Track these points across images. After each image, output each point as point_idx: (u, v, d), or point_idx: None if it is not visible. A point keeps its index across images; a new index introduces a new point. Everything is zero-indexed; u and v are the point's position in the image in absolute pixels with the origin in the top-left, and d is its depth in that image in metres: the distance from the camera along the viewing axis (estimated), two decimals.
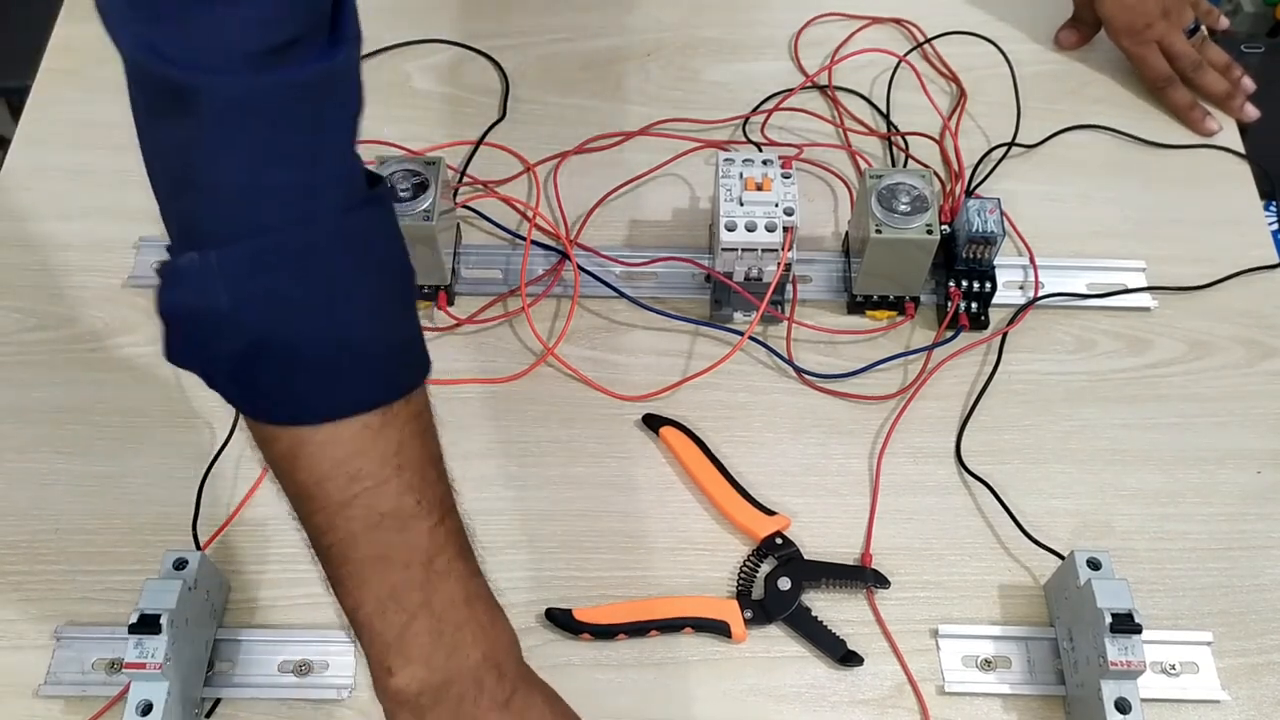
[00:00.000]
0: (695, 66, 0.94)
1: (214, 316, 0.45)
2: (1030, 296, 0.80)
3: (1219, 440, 0.75)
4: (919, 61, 0.94)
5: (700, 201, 0.86)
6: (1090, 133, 0.90)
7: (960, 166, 0.87)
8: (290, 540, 0.71)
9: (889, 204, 0.74)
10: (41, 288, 0.82)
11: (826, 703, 0.66)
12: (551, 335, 0.80)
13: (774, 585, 0.69)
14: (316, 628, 0.67)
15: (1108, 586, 0.61)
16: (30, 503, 0.73)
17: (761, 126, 0.90)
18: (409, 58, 0.95)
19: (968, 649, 0.67)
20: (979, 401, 0.76)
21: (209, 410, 0.76)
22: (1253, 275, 0.82)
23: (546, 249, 0.82)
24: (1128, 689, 0.60)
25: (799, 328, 0.79)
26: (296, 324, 0.46)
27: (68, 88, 0.92)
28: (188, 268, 0.45)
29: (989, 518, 0.72)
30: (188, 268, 0.45)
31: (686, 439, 0.74)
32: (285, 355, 0.46)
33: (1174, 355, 0.79)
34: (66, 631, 0.67)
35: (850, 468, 0.74)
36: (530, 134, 0.90)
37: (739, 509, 0.71)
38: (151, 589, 0.61)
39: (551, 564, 0.70)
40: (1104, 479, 0.74)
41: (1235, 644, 0.68)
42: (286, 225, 0.45)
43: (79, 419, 0.76)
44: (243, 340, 0.45)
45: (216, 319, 0.45)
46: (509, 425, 0.76)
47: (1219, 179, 0.88)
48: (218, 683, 0.66)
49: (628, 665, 0.67)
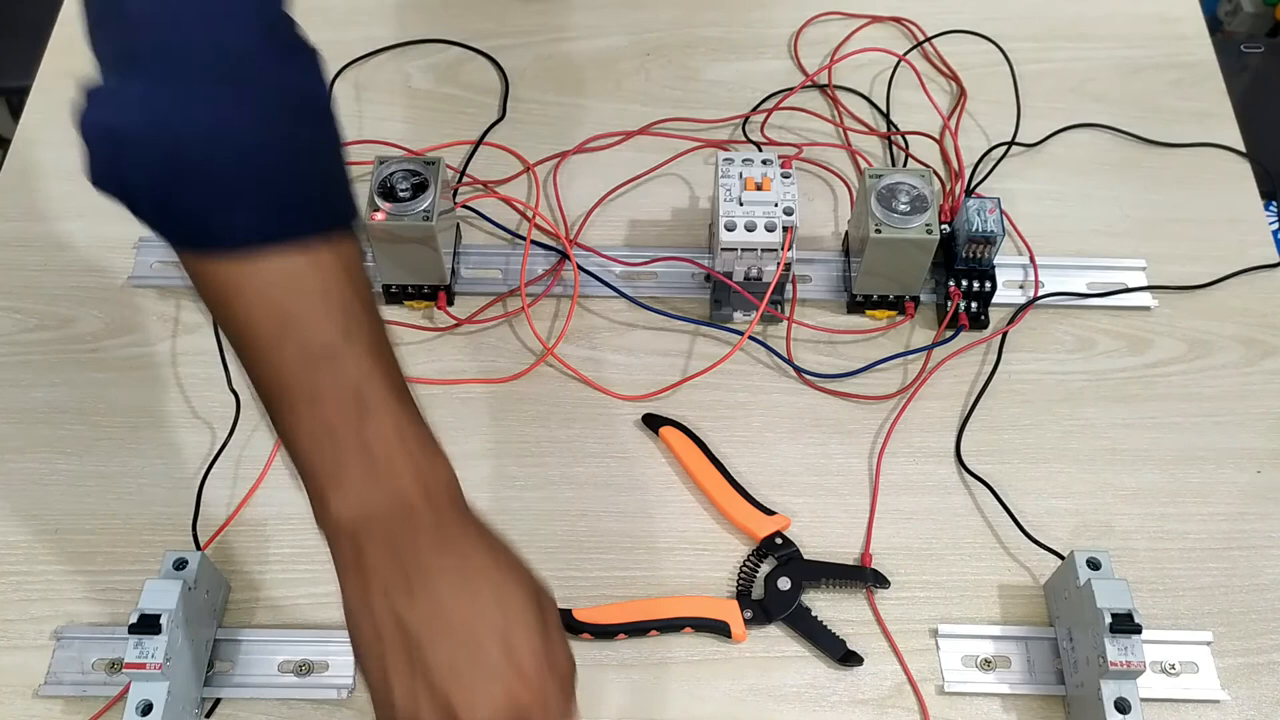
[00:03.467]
0: (695, 66, 0.94)
1: (130, 133, 0.46)
2: (1030, 296, 0.80)
3: (1219, 440, 0.75)
4: (919, 60, 0.94)
5: (700, 201, 0.86)
6: (1090, 131, 0.90)
7: (960, 166, 0.87)
8: (290, 540, 0.71)
9: (889, 203, 0.74)
10: (41, 288, 0.82)
11: (826, 703, 0.66)
12: (551, 335, 0.80)
13: (774, 585, 0.69)
14: (316, 628, 0.68)
15: (1107, 586, 0.61)
16: (30, 503, 0.73)
17: (761, 126, 0.90)
18: (409, 58, 0.95)
19: (968, 649, 0.67)
20: (979, 401, 0.76)
21: (209, 410, 0.76)
22: (1253, 274, 0.82)
23: (546, 249, 0.82)
24: (1128, 689, 0.60)
25: (799, 327, 0.79)
26: (208, 141, 0.47)
27: (68, 88, 0.91)
28: (105, 89, 0.47)
29: (989, 518, 0.72)
30: (105, 89, 0.47)
31: (686, 439, 0.74)
32: (198, 174, 0.47)
33: (1174, 355, 0.79)
34: (66, 631, 0.67)
35: (850, 468, 0.74)
36: (530, 134, 0.90)
37: (739, 509, 0.71)
38: (151, 589, 0.61)
39: (551, 564, 0.70)
40: (1104, 479, 0.74)
41: (1235, 644, 0.68)
42: (200, 47, 0.46)
43: (79, 419, 0.76)
44: (156, 156, 0.46)
45: (132, 136, 0.46)
46: (509, 425, 0.76)
47: (1219, 178, 0.88)
48: (218, 683, 0.66)
49: (628, 665, 0.67)
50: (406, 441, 0.49)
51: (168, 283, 0.81)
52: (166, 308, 0.81)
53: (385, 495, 0.48)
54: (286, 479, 0.73)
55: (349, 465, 0.48)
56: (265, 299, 0.47)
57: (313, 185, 0.50)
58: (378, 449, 0.48)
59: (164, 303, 0.81)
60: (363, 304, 0.50)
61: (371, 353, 0.49)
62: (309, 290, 0.48)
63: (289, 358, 0.48)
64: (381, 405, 0.49)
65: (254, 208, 0.47)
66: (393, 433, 0.49)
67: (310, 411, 0.48)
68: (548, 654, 0.48)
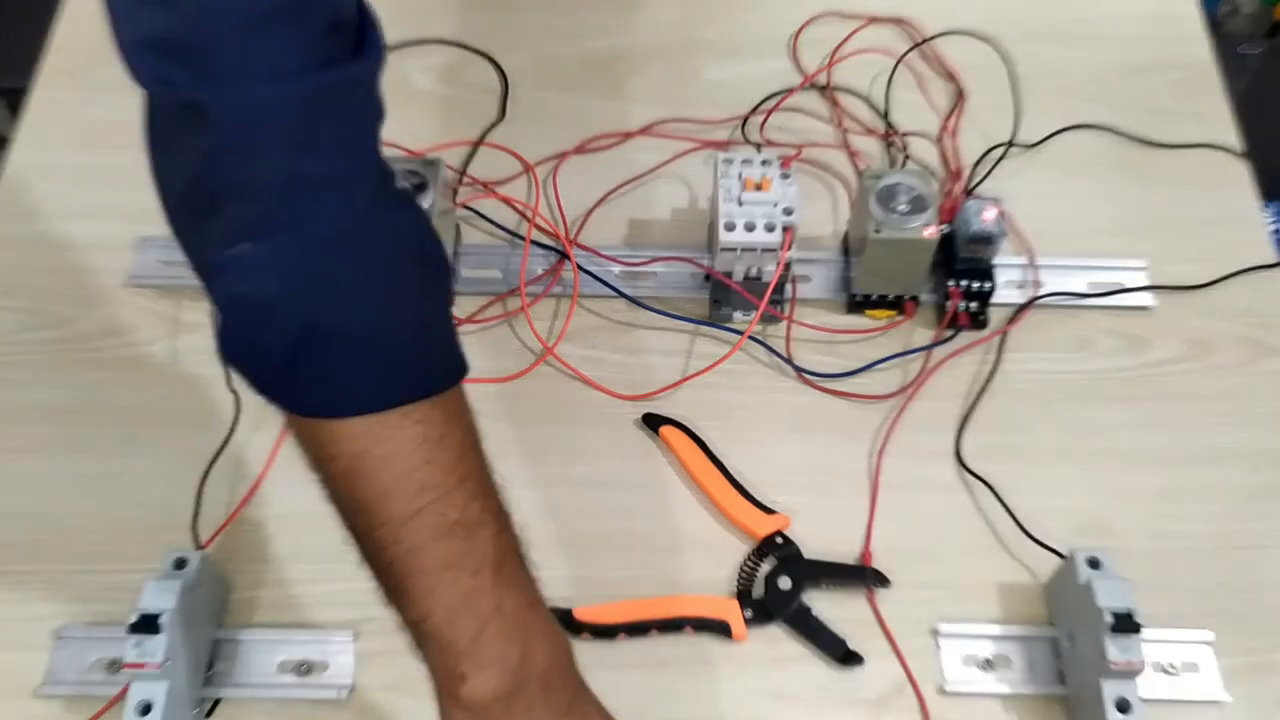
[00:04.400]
0: (695, 66, 0.94)
1: (266, 302, 0.46)
2: (1030, 296, 0.80)
3: (1219, 440, 0.75)
4: (918, 61, 0.94)
5: (700, 201, 0.86)
6: (1090, 132, 0.90)
7: (959, 166, 0.87)
8: (290, 540, 0.71)
9: (888, 204, 0.74)
10: (41, 288, 0.82)
11: (827, 703, 0.66)
12: (551, 335, 0.80)
13: (774, 584, 0.69)
14: (316, 628, 0.68)
15: (1108, 586, 0.61)
16: (30, 503, 0.73)
17: (761, 126, 0.90)
18: (409, 58, 0.95)
19: (968, 649, 0.67)
20: (979, 401, 0.76)
21: (209, 410, 0.76)
22: (1253, 274, 0.82)
23: (546, 249, 0.82)
24: (1128, 689, 0.60)
25: (798, 327, 0.79)
26: (342, 309, 0.47)
27: (68, 88, 0.92)
28: (240, 257, 0.46)
29: (989, 517, 0.72)
30: (240, 257, 0.46)
31: (686, 438, 0.74)
32: (332, 341, 0.47)
33: (1174, 354, 0.79)
34: (66, 631, 0.67)
35: (850, 467, 0.74)
36: (530, 134, 0.90)
37: (739, 508, 0.71)
38: (151, 589, 0.61)
39: (551, 564, 0.70)
40: (1104, 479, 0.74)
41: (1236, 643, 0.67)
42: (326, 215, 0.46)
43: (79, 419, 0.76)
44: (293, 326, 0.46)
45: (268, 305, 0.46)
46: (509, 425, 0.76)
47: (1219, 178, 0.88)
48: (218, 683, 0.65)
49: (628, 665, 0.67)
50: (539, 612, 0.49)
51: (168, 283, 0.81)
52: (166, 308, 0.81)
53: (526, 672, 0.48)
54: (287, 478, 0.73)
55: (491, 640, 0.47)
56: (400, 471, 0.47)
57: (438, 347, 0.50)
58: (517, 623, 0.48)
59: (164, 303, 0.81)
60: (488, 469, 0.49)
61: (503, 520, 0.49)
62: (445, 460, 0.48)
63: (424, 529, 0.47)
64: (516, 576, 0.49)
65: (385, 374, 0.47)
66: (527, 604, 0.49)
67: (447, 584, 0.47)
68: None
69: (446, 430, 0.48)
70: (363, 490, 0.47)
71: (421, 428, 0.47)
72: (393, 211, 0.50)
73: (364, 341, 0.47)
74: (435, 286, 0.52)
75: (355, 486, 0.48)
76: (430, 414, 0.48)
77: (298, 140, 0.45)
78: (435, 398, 0.49)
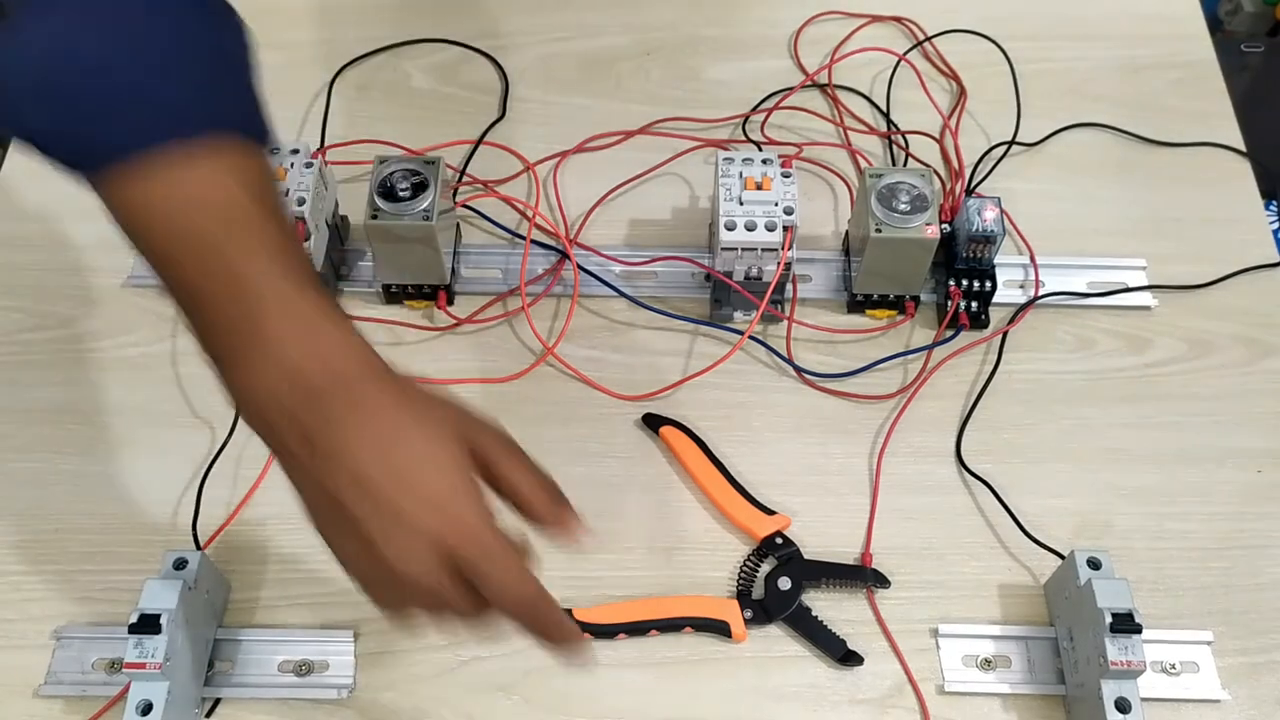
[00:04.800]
0: (695, 65, 0.94)
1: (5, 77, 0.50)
2: (1030, 295, 0.80)
3: (1219, 440, 0.75)
4: (919, 60, 0.94)
5: (700, 201, 0.86)
6: (1091, 131, 0.90)
7: (960, 165, 0.87)
8: (290, 540, 0.71)
9: (889, 203, 0.74)
10: (41, 288, 0.82)
11: (826, 703, 0.66)
12: (551, 335, 0.80)
13: (774, 585, 0.69)
14: (316, 628, 0.68)
15: (1108, 586, 0.61)
16: (30, 503, 0.73)
17: (761, 125, 0.90)
18: (409, 58, 0.95)
19: (968, 648, 0.67)
20: (979, 401, 0.76)
21: (209, 410, 0.76)
22: (1253, 274, 0.82)
23: (546, 248, 0.82)
24: (1128, 689, 0.60)
25: (799, 327, 0.79)
26: (79, 64, 0.49)
27: None
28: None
29: (989, 517, 0.72)
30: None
31: (686, 438, 0.74)
32: (73, 94, 0.50)
33: (1174, 354, 0.79)
34: (66, 631, 0.67)
35: (850, 467, 0.74)
36: (530, 133, 0.90)
37: (739, 508, 0.71)
38: (151, 589, 0.61)
39: (551, 564, 0.70)
40: (1104, 479, 0.74)
41: (1235, 643, 0.67)
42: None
43: (79, 419, 0.76)
44: (36, 87, 0.50)
45: (9, 78, 0.50)
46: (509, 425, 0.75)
47: (1219, 178, 0.88)
48: (218, 683, 0.66)
49: (628, 665, 0.67)
50: (309, 328, 0.50)
51: None
52: (166, 308, 0.81)
53: (286, 380, 0.50)
54: (286, 479, 0.72)
55: (251, 356, 0.50)
56: (159, 212, 0.51)
57: (190, 90, 0.51)
58: (273, 339, 0.50)
59: (164, 303, 0.80)
60: (258, 206, 0.51)
61: (267, 249, 0.50)
62: (193, 196, 0.50)
63: (188, 264, 0.51)
64: (276, 299, 0.50)
65: (131, 116, 0.50)
66: (292, 322, 0.50)
67: (211, 313, 0.51)
68: (465, 489, 0.50)
69: (197, 167, 0.50)
70: (139, 237, 0.53)
71: (175, 169, 0.50)
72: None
73: (100, 92, 0.50)
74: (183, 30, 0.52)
75: (132, 235, 0.53)
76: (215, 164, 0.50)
77: None
78: (219, 150, 0.50)
